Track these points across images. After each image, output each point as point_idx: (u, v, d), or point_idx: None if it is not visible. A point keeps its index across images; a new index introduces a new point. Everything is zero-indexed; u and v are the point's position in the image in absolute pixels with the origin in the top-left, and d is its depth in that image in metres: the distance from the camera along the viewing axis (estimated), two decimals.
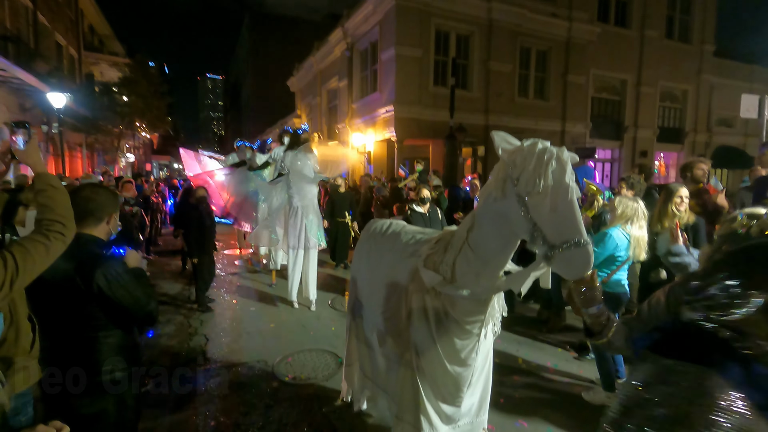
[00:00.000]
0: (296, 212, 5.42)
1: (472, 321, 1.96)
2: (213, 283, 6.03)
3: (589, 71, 18.75)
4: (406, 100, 14.79)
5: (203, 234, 5.45)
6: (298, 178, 5.41)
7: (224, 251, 10.05)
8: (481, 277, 1.82)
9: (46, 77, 12.69)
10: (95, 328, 1.72)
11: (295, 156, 5.46)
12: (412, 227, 2.58)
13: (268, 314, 5.43)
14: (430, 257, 2.01)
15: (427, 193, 5.22)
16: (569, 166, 1.56)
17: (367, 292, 2.58)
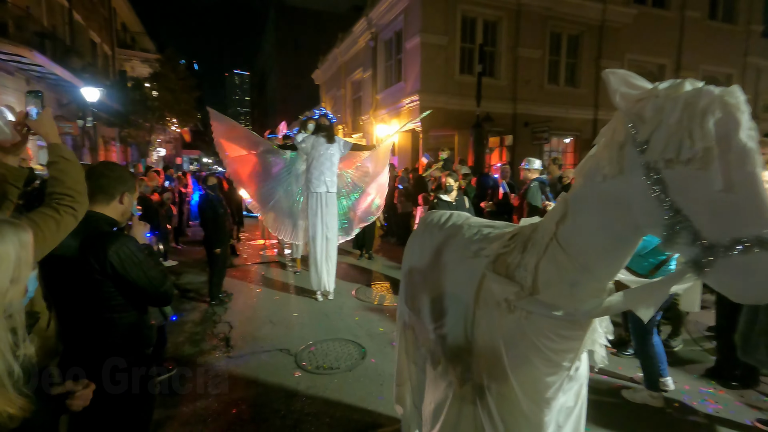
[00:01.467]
0: (316, 200, 5.33)
1: (562, 351, 1.42)
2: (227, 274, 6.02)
3: (623, 56, 17.89)
4: (431, 90, 14.50)
5: (218, 223, 5.41)
6: (319, 164, 5.31)
7: (249, 241, 10.15)
8: (578, 289, 1.30)
9: (80, 73, 13.10)
10: (111, 308, 1.65)
11: (317, 141, 5.37)
12: (477, 219, 2.04)
13: (291, 303, 5.39)
14: (502, 258, 1.52)
15: (452, 180, 5.03)
16: (745, 116, 0.98)
17: (420, 298, 2.02)
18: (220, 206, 5.42)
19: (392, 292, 5.91)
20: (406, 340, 2.29)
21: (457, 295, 1.71)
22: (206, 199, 5.36)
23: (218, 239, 5.35)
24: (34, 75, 12.63)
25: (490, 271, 1.51)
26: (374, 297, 5.68)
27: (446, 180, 4.98)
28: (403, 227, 9.65)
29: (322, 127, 5.41)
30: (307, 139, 5.42)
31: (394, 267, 7.39)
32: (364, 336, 4.31)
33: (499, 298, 1.45)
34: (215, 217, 5.28)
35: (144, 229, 1.88)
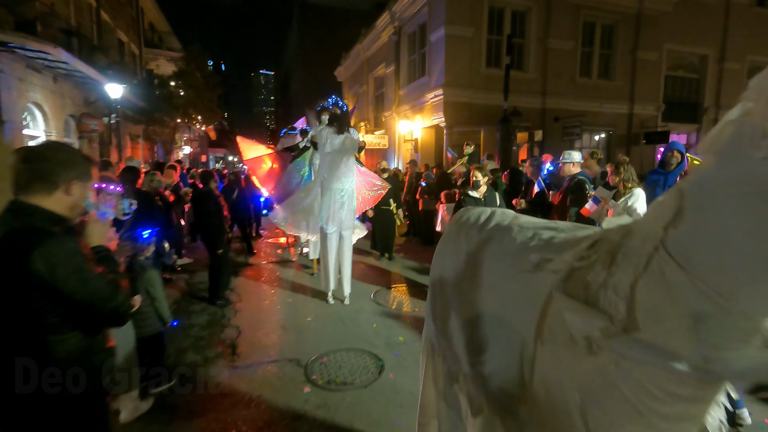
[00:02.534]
0: (330, 194, 4.94)
1: (675, 417, 0.96)
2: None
3: (662, 46, 16.87)
4: (456, 83, 13.98)
5: (220, 222, 5.04)
6: (332, 158, 4.92)
7: (268, 239, 9.90)
8: (708, 327, 0.85)
9: (105, 70, 13.19)
10: (43, 329, 1.28)
11: (331, 133, 4.98)
12: (530, 219, 1.57)
13: (305, 307, 5.04)
14: (579, 275, 1.07)
15: (480, 175, 4.55)
16: None
17: (451, 319, 1.59)
18: (221, 205, 5.09)
19: (413, 296, 5.48)
20: (435, 368, 1.79)
21: (505, 322, 1.25)
22: (207, 197, 5.05)
23: (221, 240, 5.03)
24: (61, 72, 12.77)
25: (561, 292, 1.06)
26: (393, 301, 5.27)
27: (474, 174, 4.51)
28: (426, 225, 9.19)
29: (334, 117, 5.02)
30: (321, 131, 5.05)
31: (416, 268, 6.95)
32: (382, 346, 3.90)
33: (575, 332, 1.00)
34: (218, 216, 4.96)
35: (102, 229, 1.51)
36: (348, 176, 5.03)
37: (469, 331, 1.42)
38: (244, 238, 8.27)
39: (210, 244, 5.04)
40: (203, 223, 5.03)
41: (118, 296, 1.37)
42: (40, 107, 12.17)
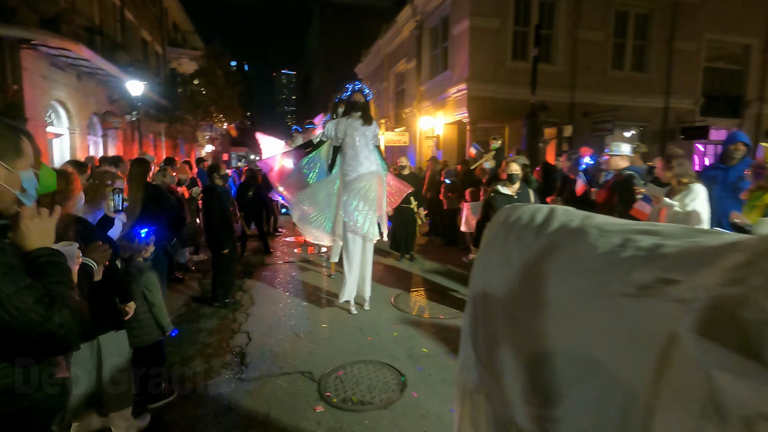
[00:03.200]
0: (351, 193, 4.58)
1: None
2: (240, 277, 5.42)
3: (701, 36, 15.90)
4: (480, 77, 13.46)
5: (225, 219, 4.71)
6: (355, 153, 4.56)
7: (286, 238, 9.66)
8: None
9: (126, 67, 13.23)
10: None
11: (351, 124, 4.61)
12: (606, 219, 1.14)
13: (321, 312, 4.71)
14: (725, 308, 0.65)
15: (517, 168, 4.12)
16: None
17: (501, 349, 1.20)
18: (228, 201, 4.78)
19: (436, 301, 5.08)
20: (474, 408, 1.38)
21: (595, 366, 0.85)
22: (212, 192, 4.75)
23: (226, 238, 4.72)
24: (84, 71, 12.87)
25: (697, 335, 0.66)
26: (414, 306, 4.89)
27: (509, 167, 4.08)
28: (449, 225, 8.76)
29: (357, 105, 4.64)
30: (338, 123, 4.67)
31: (439, 271, 6.55)
32: (404, 358, 3.53)
33: (728, 405, 0.61)
34: (223, 213, 4.66)
35: (45, 227, 1.18)
36: (372, 173, 4.66)
37: (532, 371, 1.02)
38: (261, 236, 8.03)
39: (213, 243, 4.76)
40: (207, 221, 4.74)
41: (52, 317, 1.03)
42: (64, 105, 12.28)
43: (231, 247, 4.76)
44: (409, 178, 6.91)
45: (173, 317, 4.39)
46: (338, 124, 4.68)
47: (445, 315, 4.58)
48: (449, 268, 6.74)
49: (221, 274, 4.76)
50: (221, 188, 4.71)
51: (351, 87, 4.71)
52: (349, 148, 4.60)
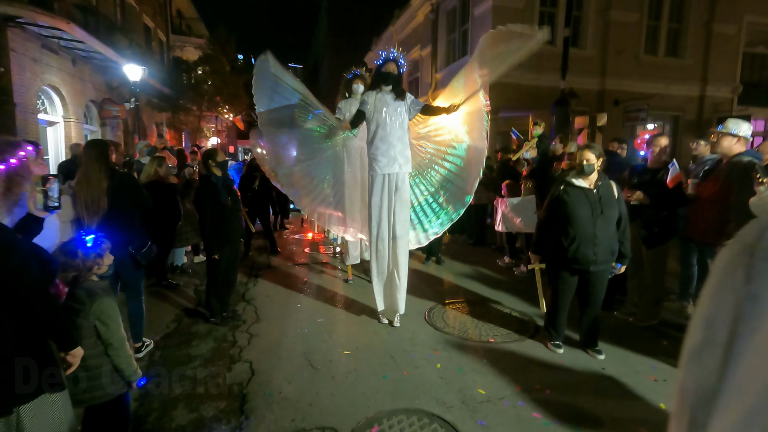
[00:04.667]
0: (384, 184, 3.71)
1: None
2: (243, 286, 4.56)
3: (742, 18, 14.72)
4: None
5: (221, 217, 3.78)
6: (386, 134, 3.68)
7: (294, 235, 8.80)
8: None
9: (124, 51, 12.39)
10: None
11: (381, 98, 3.73)
12: None
13: (341, 332, 3.83)
14: None
15: (592, 156, 3.20)
16: None
17: None
18: (227, 193, 3.86)
19: (478, 316, 4.20)
20: None
21: None
22: (205, 182, 3.83)
23: (218, 240, 3.79)
24: (80, 55, 12.06)
25: None
26: (455, 323, 4.00)
27: (584, 155, 3.16)
28: (477, 222, 7.85)
29: (390, 77, 3.76)
30: (367, 96, 3.80)
31: (471, 275, 5.65)
32: (457, 405, 2.65)
33: None
34: (216, 208, 3.76)
35: None
36: (406, 158, 3.78)
37: None
38: (267, 234, 7.18)
39: (205, 245, 3.90)
40: (199, 218, 3.84)
41: None
42: (58, 91, 11.48)
43: (230, 250, 3.86)
44: None
45: (158, 337, 3.56)
46: (367, 99, 3.79)
47: (495, 337, 3.69)
48: (483, 272, 5.84)
49: (215, 283, 3.89)
50: (217, 177, 3.81)
51: (384, 55, 3.81)
52: (378, 128, 3.72)
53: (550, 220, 3.39)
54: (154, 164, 4.89)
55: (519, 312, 4.30)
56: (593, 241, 3.22)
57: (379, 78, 3.81)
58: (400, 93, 3.82)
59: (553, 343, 3.49)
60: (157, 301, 4.51)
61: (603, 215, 3.21)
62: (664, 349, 3.47)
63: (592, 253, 3.22)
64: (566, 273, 3.40)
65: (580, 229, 3.24)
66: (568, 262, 3.35)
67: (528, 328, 3.89)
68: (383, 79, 3.79)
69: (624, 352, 3.42)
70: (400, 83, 3.86)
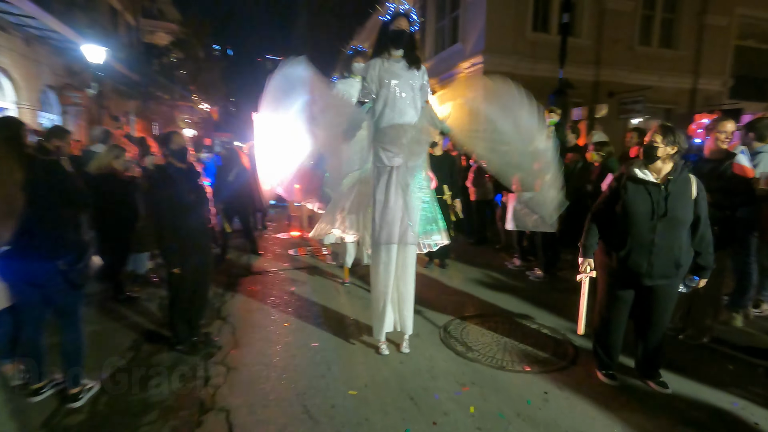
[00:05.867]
0: (390, 179, 2.99)
1: None
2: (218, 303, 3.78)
3: (733, 11, 14.49)
4: (497, 49, 11.86)
5: (182, 219, 2.93)
6: (391, 113, 2.94)
7: (278, 234, 7.99)
8: None
9: (85, 31, 11.20)
10: None
11: (389, 70, 2.97)
12: None
13: (343, 361, 3.09)
14: None
15: (662, 142, 2.56)
16: None
17: None
18: (190, 188, 3.04)
19: (505, 333, 3.54)
20: None
21: None
22: (161, 175, 2.96)
23: (182, 248, 2.94)
24: (33, 34, 10.86)
25: None
26: (476, 344, 3.33)
27: (653, 138, 2.52)
28: (478, 220, 7.22)
29: (401, 38, 2.95)
30: (370, 66, 3.02)
31: (483, 282, 5.00)
32: None
33: None
34: (176, 207, 2.92)
35: None
36: (421, 146, 3.06)
37: None
38: (247, 234, 6.37)
39: (163, 257, 3.08)
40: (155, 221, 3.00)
41: None
42: (8, 74, 10.27)
43: (198, 260, 3.05)
44: (441, 160, 5.31)
45: (106, 375, 2.75)
46: (368, 69, 3.03)
47: (531, 363, 3.03)
48: (494, 277, 5.20)
49: (181, 303, 3.09)
50: (176, 169, 2.97)
51: (393, 8, 3.02)
52: (386, 107, 2.97)
53: (602, 215, 2.75)
54: (111, 155, 4.04)
55: (549, 328, 3.66)
56: (649, 249, 2.58)
57: (387, 39, 2.94)
58: (414, 60, 3.03)
59: (605, 373, 2.86)
60: (110, 321, 3.68)
61: (666, 218, 2.57)
62: (733, 377, 2.89)
63: (645, 263, 2.59)
64: (617, 284, 2.77)
65: (634, 232, 2.61)
66: (617, 271, 2.72)
67: (566, 351, 3.25)
68: (393, 41, 2.93)
69: (689, 382, 2.81)
70: (414, 47, 3.07)
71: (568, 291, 4.70)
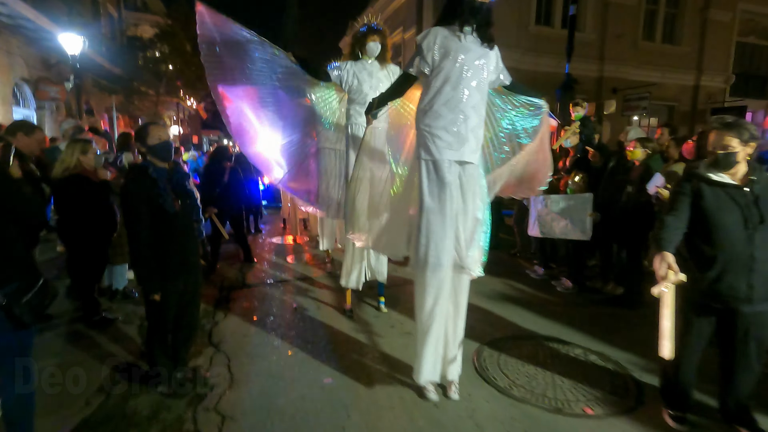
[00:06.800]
0: (440, 177, 2.39)
1: None
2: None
3: (736, 6, 14.30)
4: (500, 43, 11.09)
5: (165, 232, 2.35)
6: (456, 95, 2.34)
7: (270, 240, 7.40)
8: None
9: (62, 20, 10.42)
10: None
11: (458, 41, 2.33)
12: None
13: (365, 405, 2.53)
14: None
15: (735, 142, 2.08)
16: None
17: None
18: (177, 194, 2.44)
19: (545, 366, 3.03)
20: None
21: None
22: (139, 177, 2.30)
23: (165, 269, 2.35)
24: (4, 23, 10.04)
25: None
26: (519, 377, 2.82)
27: (718, 140, 2.04)
28: (492, 222, 6.69)
29: (481, 9, 2.32)
30: (431, 33, 2.38)
31: (507, 296, 4.49)
32: None
33: None
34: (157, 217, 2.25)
35: None
36: (479, 140, 2.50)
37: None
38: (240, 239, 5.77)
39: (139, 279, 2.49)
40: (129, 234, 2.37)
41: None
42: None
43: (185, 283, 2.46)
44: None
45: (67, 430, 2.17)
46: (428, 36, 2.39)
47: (590, 403, 2.53)
48: (518, 289, 4.70)
49: (159, 334, 2.51)
50: (159, 170, 2.34)
51: None
52: (446, 84, 2.35)
53: (676, 225, 2.22)
54: (76, 151, 3.42)
55: (597, 354, 3.15)
56: (748, 267, 2.10)
57: (462, 7, 2.32)
58: (489, 37, 2.44)
59: (673, 415, 2.37)
60: (77, 351, 3.07)
61: (764, 225, 2.10)
62: None
63: (745, 284, 2.11)
64: (698, 310, 2.28)
65: (726, 247, 2.13)
66: (702, 296, 2.23)
67: (626, 385, 2.75)
68: (471, 11, 2.31)
69: None
70: (491, 22, 2.44)
71: (603, 304, 4.22)
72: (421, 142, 2.47)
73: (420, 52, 2.42)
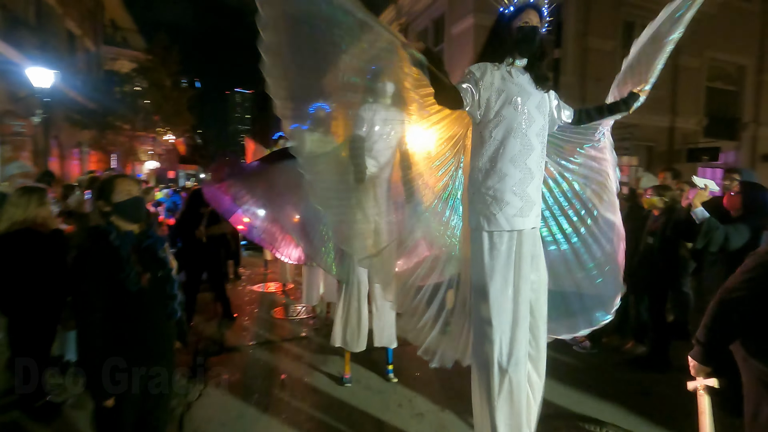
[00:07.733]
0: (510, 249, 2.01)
1: None
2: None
3: (703, 53, 15.06)
4: None
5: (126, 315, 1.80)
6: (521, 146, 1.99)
7: (250, 287, 6.79)
8: None
9: (32, 52, 9.95)
10: None
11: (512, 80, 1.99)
12: None
13: None
14: None
15: None
16: None
17: None
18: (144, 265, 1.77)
19: None
20: None
21: None
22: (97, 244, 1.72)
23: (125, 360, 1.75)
24: None
25: None
26: None
27: None
28: None
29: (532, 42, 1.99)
30: (481, 70, 2.03)
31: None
32: None
33: None
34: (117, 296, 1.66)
35: None
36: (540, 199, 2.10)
37: None
38: (218, 292, 5.17)
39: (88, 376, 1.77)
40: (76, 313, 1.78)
41: None
42: None
43: (154, 377, 1.91)
44: None
45: None
46: (482, 73, 2.01)
47: None
48: (563, 363, 3.98)
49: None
50: (123, 236, 1.82)
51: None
52: (511, 136, 1.97)
53: (745, 309, 1.85)
54: (32, 203, 2.89)
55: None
56: None
57: (509, 40, 1.98)
58: (544, 77, 2.08)
59: None
60: None
61: None
62: None
63: None
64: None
65: None
66: None
67: None
68: (520, 42, 1.96)
69: None
70: (545, 56, 2.12)
71: (631, 367, 3.79)
72: (481, 209, 2.03)
73: (468, 93, 1.99)
